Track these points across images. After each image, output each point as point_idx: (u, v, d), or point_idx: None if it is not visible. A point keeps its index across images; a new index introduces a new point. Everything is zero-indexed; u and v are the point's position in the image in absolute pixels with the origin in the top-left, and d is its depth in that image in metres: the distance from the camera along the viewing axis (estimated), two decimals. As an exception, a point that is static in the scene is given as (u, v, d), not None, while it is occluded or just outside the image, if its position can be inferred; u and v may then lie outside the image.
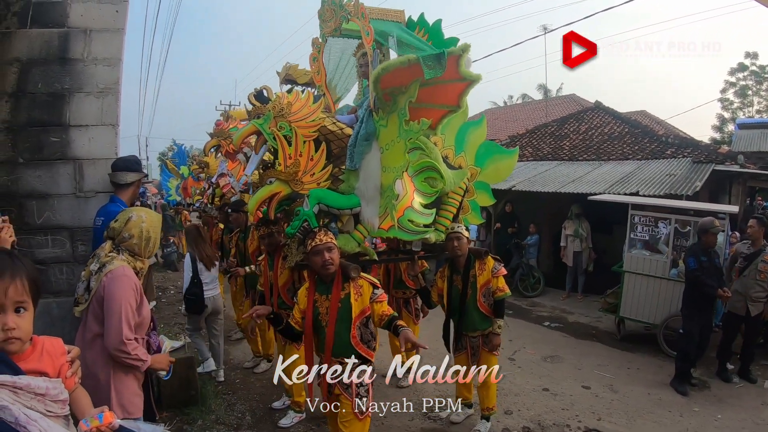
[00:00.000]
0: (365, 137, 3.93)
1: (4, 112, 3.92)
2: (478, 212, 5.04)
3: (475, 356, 4.55)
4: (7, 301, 1.52)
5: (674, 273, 6.99)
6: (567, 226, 10.25)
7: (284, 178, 3.88)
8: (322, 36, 4.52)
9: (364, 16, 3.89)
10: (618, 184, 9.51)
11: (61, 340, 1.84)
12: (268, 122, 3.88)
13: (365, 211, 3.95)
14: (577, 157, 12.61)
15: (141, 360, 2.65)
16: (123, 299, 2.61)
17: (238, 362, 6.45)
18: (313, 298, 3.40)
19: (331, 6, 4.28)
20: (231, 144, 6.99)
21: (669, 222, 7.16)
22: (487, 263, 4.48)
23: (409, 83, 3.63)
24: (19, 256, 1.63)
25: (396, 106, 3.77)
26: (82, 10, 4.11)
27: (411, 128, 3.61)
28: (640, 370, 6.45)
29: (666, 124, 20.10)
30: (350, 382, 3.29)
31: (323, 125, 4.04)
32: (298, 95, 4.11)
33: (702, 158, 10.31)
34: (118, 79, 4.20)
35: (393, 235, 3.93)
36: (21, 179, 3.94)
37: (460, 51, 3.42)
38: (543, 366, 6.57)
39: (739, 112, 30.21)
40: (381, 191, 3.84)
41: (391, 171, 3.76)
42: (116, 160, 3.98)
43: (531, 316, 9.19)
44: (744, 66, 30.12)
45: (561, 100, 26.67)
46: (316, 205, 3.76)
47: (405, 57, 3.38)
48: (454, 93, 3.79)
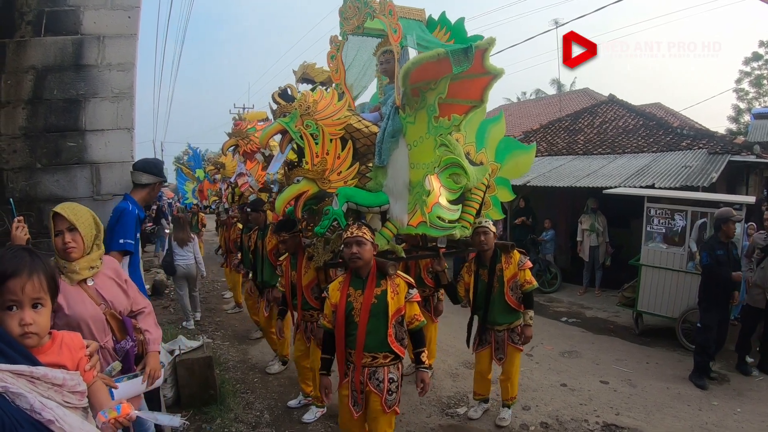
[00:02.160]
0: (392, 134, 3.91)
1: (22, 118, 4.00)
2: (500, 208, 5.03)
3: (500, 350, 4.60)
4: (24, 298, 1.58)
5: (692, 266, 6.94)
6: (583, 220, 10.21)
7: (312, 176, 3.88)
8: (343, 34, 4.50)
9: (392, 14, 3.86)
10: (633, 177, 9.45)
11: (79, 335, 1.89)
12: (294, 121, 3.86)
13: (394, 208, 3.93)
14: (592, 151, 12.55)
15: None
16: None
17: (257, 362, 6.49)
18: (347, 293, 3.38)
19: (354, 3, 4.26)
20: (249, 144, 7.05)
21: (685, 214, 7.10)
22: (513, 257, 4.54)
23: (438, 78, 3.60)
24: (37, 253, 1.68)
25: (425, 102, 3.75)
26: (95, 17, 4.19)
27: (441, 125, 3.62)
28: (658, 365, 6.41)
29: (681, 116, 19.82)
30: (383, 378, 3.33)
31: (349, 123, 4.02)
32: (323, 93, 4.08)
33: (718, 149, 10.20)
34: (132, 84, 4.27)
35: (422, 232, 3.89)
36: (39, 184, 4.01)
37: (486, 44, 3.39)
38: (561, 361, 6.55)
39: (755, 102, 29.57)
40: (410, 188, 3.84)
41: (421, 167, 3.76)
42: (140, 160, 4.02)
43: (548, 312, 9.17)
44: (758, 55, 29.41)
45: (574, 95, 26.45)
46: (345, 203, 3.75)
47: (435, 51, 3.33)
48: (479, 87, 3.76)
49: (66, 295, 2.48)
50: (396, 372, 3.40)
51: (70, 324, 2.45)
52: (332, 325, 3.42)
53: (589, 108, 15.85)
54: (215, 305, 9.75)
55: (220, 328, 8.13)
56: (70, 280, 2.56)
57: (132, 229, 3.53)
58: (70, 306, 2.50)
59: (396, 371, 3.40)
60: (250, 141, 7.04)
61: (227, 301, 9.87)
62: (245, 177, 7.59)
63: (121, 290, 2.82)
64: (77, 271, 2.59)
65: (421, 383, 3.37)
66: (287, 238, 4.71)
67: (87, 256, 2.64)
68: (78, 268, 2.59)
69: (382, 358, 3.33)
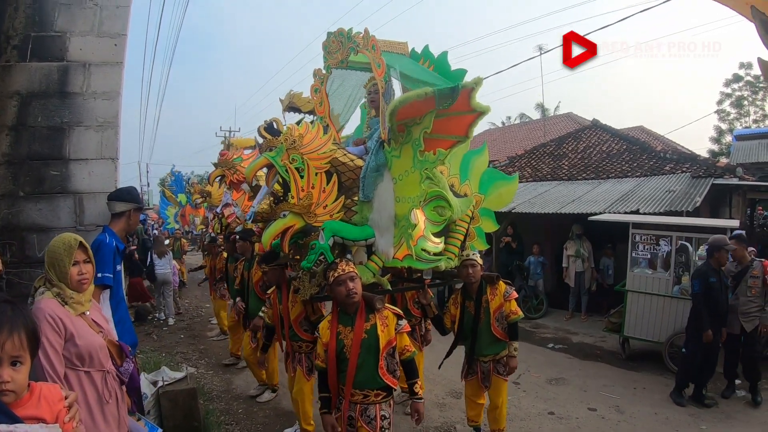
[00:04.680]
0: (375, 168, 3.93)
1: (5, 145, 3.96)
2: (484, 238, 5.08)
3: (486, 380, 4.56)
4: (3, 355, 1.56)
5: (677, 290, 6.98)
6: (568, 246, 10.26)
7: (298, 210, 3.84)
8: (327, 67, 4.53)
9: (375, 49, 3.90)
10: (618, 202, 9.52)
11: (58, 386, 1.86)
12: (280, 155, 3.84)
13: (380, 241, 3.92)
14: (576, 177, 12.65)
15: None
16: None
17: (241, 391, 6.39)
18: (336, 330, 3.35)
19: (338, 38, 4.30)
20: (235, 174, 7.02)
21: (670, 239, 7.16)
22: (498, 288, 4.52)
23: (423, 114, 3.64)
24: (20, 306, 1.66)
25: (410, 137, 3.77)
26: (81, 44, 4.18)
27: (426, 159, 3.65)
28: (646, 390, 6.40)
29: (664, 139, 20.15)
30: (375, 415, 3.30)
31: (335, 157, 4.01)
32: (309, 127, 4.07)
33: (701, 173, 10.35)
34: (117, 113, 4.24)
35: (407, 265, 3.92)
36: (22, 212, 3.96)
37: (472, 84, 3.44)
38: (548, 389, 6.52)
39: (736, 123, 30.29)
40: (395, 221, 3.85)
41: (406, 201, 3.78)
42: (113, 190, 3.97)
43: (535, 338, 9.14)
44: (739, 77, 30.25)
45: (558, 119, 26.82)
46: (331, 237, 3.73)
47: (422, 90, 3.38)
48: (464, 124, 3.79)
49: (75, 325, 2.49)
50: (388, 409, 3.38)
51: (81, 354, 2.47)
52: (325, 364, 3.38)
53: (573, 133, 16.03)
54: (199, 332, 9.64)
55: (204, 356, 8.01)
56: (74, 311, 2.56)
57: (110, 262, 3.43)
58: (81, 336, 2.50)
59: (388, 408, 3.38)
60: (236, 171, 7.00)
61: (212, 328, 9.77)
62: (231, 207, 7.56)
63: (104, 318, 2.87)
64: (82, 303, 2.62)
65: (416, 413, 3.42)
66: (267, 270, 4.70)
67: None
68: (83, 300, 2.62)
69: (373, 396, 3.30)
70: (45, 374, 2.31)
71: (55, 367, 2.36)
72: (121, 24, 4.31)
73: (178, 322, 10.33)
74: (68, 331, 2.44)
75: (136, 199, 3.93)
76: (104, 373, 2.61)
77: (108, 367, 2.65)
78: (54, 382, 2.30)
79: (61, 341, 2.42)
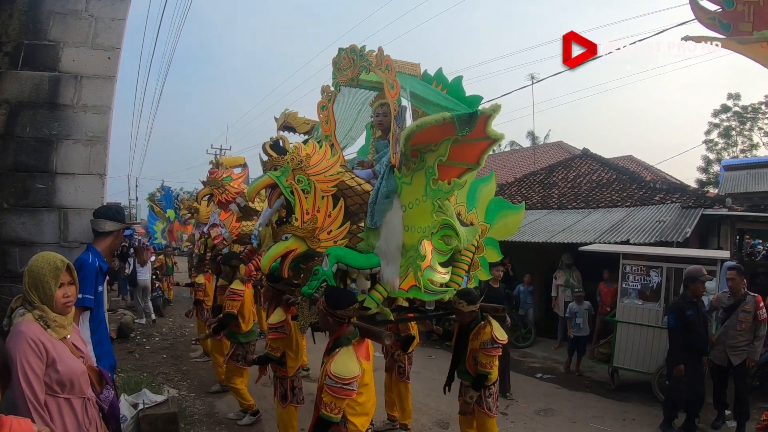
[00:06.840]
0: (386, 195, 3.78)
1: (-9, 154, 3.85)
2: (487, 268, 4.96)
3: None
4: None
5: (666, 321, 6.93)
6: (558, 276, 10.22)
7: (301, 234, 3.70)
8: (335, 85, 4.40)
9: (389, 69, 3.80)
10: (608, 232, 9.52)
11: (29, 421, 1.78)
12: (285, 175, 3.71)
13: (385, 270, 3.77)
14: (566, 206, 12.66)
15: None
16: (18, 357, 2.24)
17: (223, 416, 6.22)
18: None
19: (349, 55, 4.18)
20: (224, 193, 6.92)
21: (661, 270, 7.14)
22: (484, 334, 4.32)
23: (439, 141, 3.53)
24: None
25: (423, 163, 3.65)
26: (74, 55, 4.10)
27: (440, 188, 3.53)
28: (635, 421, 6.33)
29: (653, 169, 20.36)
30: None
31: (342, 180, 3.87)
32: (316, 147, 3.93)
33: (690, 203, 10.42)
34: (108, 128, 4.15)
35: (413, 296, 3.77)
36: (5, 225, 3.84)
37: (490, 111, 3.36)
38: (536, 420, 6.41)
39: (724, 153, 30.81)
40: (403, 251, 3.71)
41: (416, 231, 3.64)
42: (100, 207, 3.85)
43: (523, 367, 9.02)
44: (727, 107, 30.93)
45: (549, 147, 27.01)
46: (335, 264, 3.59)
47: (440, 115, 3.27)
48: (477, 151, 3.70)
49: (57, 350, 2.40)
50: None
51: (61, 380, 2.38)
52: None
53: (564, 161, 16.10)
54: (182, 352, 9.46)
55: (187, 377, 7.82)
56: (57, 335, 2.46)
57: (92, 283, 3.31)
58: (62, 361, 2.40)
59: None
60: (225, 191, 6.90)
61: (195, 348, 9.57)
62: (218, 228, 7.44)
63: (83, 341, 2.78)
64: (65, 326, 2.53)
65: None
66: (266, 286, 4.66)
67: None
68: (65, 323, 2.54)
69: None
70: (26, 401, 2.23)
71: (37, 395, 2.26)
72: (115, 37, 4.25)
73: (162, 341, 10.12)
74: (50, 356, 2.35)
75: (124, 219, 3.86)
76: (84, 400, 2.51)
77: (88, 394, 2.56)
78: (35, 409, 2.23)
79: (43, 367, 2.32)
